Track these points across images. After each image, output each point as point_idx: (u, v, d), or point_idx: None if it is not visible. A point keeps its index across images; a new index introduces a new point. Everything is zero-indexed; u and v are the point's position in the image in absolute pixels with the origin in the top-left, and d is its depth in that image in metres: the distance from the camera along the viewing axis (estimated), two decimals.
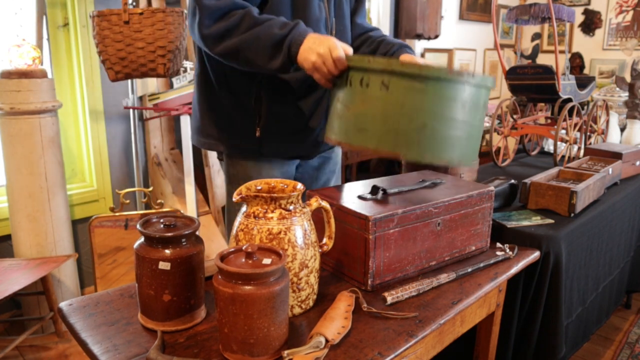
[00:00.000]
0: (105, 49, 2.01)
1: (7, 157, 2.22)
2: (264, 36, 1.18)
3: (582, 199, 1.57)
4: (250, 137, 1.40)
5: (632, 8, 5.07)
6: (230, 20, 1.20)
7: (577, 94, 2.51)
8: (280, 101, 1.39)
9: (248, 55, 1.21)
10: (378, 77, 1.05)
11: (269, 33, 1.18)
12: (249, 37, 1.19)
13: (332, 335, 0.91)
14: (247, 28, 1.19)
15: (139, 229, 0.93)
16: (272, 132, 1.40)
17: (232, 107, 1.40)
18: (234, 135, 1.42)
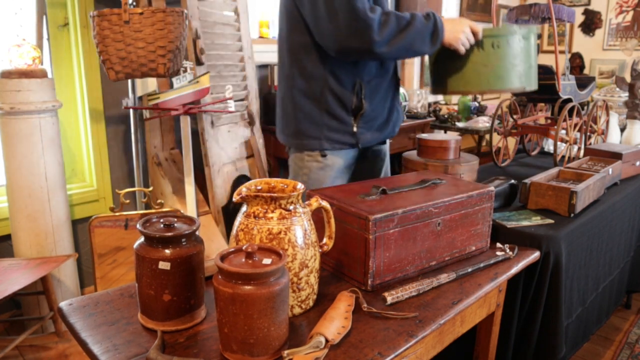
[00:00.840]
0: (106, 49, 2.01)
1: (7, 157, 2.22)
2: (421, 30, 1.51)
3: (582, 199, 1.57)
4: (349, 133, 1.64)
5: (632, 8, 5.07)
6: (390, 23, 1.47)
7: (577, 94, 2.51)
8: (374, 99, 1.65)
9: (415, 47, 1.52)
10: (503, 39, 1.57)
11: (423, 27, 1.51)
12: (410, 34, 1.49)
13: (332, 335, 0.91)
14: (404, 27, 1.49)
15: (139, 229, 0.93)
16: (364, 126, 1.65)
17: (334, 109, 1.62)
18: (335, 132, 1.64)
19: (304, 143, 1.67)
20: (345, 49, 1.50)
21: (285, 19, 1.62)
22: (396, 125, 1.80)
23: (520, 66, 1.62)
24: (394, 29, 1.47)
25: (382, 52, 1.48)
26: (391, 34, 1.47)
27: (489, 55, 1.58)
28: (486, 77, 1.60)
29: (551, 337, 1.46)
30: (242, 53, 2.93)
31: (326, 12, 1.46)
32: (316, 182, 1.67)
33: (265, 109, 3.18)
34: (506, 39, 1.58)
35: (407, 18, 1.50)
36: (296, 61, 1.62)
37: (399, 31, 1.48)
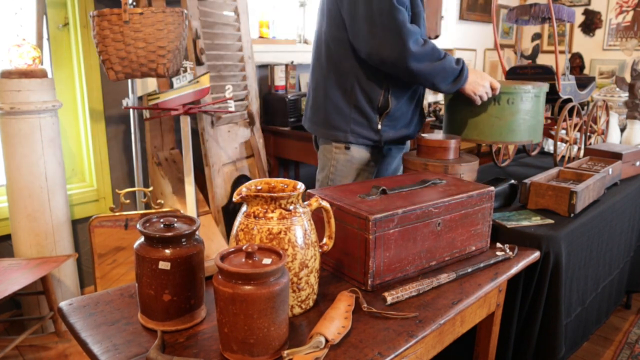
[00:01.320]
0: (105, 49, 2.01)
1: (7, 157, 2.22)
2: (449, 69, 1.61)
3: (582, 199, 1.57)
4: (373, 130, 1.72)
5: (632, 8, 5.07)
6: (427, 48, 1.57)
7: (577, 94, 2.50)
8: (400, 100, 1.73)
9: (434, 80, 1.61)
10: (517, 96, 1.72)
11: (451, 67, 1.62)
12: (438, 66, 1.59)
13: (332, 335, 0.91)
14: (437, 58, 1.59)
15: (139, 229, 0.93)
16: (388, 125, 1.74)
17: (362, 105, 1.69)
18: (361, 127, 1.71)
19: (331, 133, 1.75)
20: (377, 55, 1.57)
21: (326, 15, 1.69)
22: (418, 126, 1.88)
23: (530, 121, 1.77)
24: (428, 53, 1.57)
25: (412, 67, 1.55)
26: (425, 56, 1.55)
27: (503, 109, 1.73)
28: (499, 129, 1.74)
29: (551, 337, 1.46)
30: (242, 53, 2.93)
31: (364, 15, 1.54)
32: (342, 174, 1.76)
33: (265, 109, 3.18)
34: (520, 96, 1.73)
35: (441, 52, 1.60)
36: (332, 55, 1.70)
37: (432, 59, 1.57)
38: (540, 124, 1.83)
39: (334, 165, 1.77)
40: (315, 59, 1.79)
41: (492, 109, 1.73)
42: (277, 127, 3.11)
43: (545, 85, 1.82)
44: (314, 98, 1.80)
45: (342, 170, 1.76)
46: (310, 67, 1.85)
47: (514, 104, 1.72)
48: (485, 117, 1.73)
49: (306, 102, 1.88)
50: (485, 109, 1.73)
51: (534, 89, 1.74)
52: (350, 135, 1.72)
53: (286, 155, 3.18)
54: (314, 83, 1.80)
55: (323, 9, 1.72)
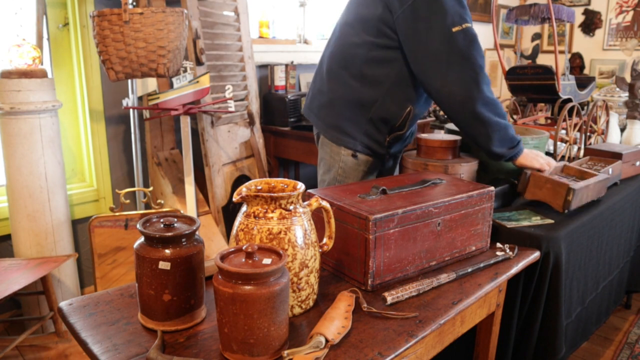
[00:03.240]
0: (106, 49, 2.01)
1: (7, 157, 2.22)
2: (510, 132, 1.59)
3: (578, 197, 1.57)
4: (381, 144, 1.74)
5: (632, 8, 5.07)
6: (496, 100, 1.57)
7: (577, 94, 2.50)
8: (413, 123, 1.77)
9: (492, 134, 1.56)
10: None
11: (512, 133, 1.60)
12: (501, 124, 1.57)
13: (332, 335, 0.91)
14: (502, 115, 1.58)
15: (139, 229, 0.93)
16: (395, 141, 1.76)
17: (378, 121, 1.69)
18: (370, 140, 1.72)
19: (341, 138, 1.75)
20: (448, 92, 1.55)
21: (373, 32, 1.63)
22: (412, 136, 1.93)
23: None
24: (496, 105, 1.57)
25: (478, 111, 1.53)
26: (493, 105, 1.55)
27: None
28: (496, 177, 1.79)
29: (551, 337, 1.46)
30: (242, 53, 2.93)
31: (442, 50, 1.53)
32: (349, 174, 1.78)
33: (265, 109, 3.18)
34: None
35: (504, 112, 1.62)
36: (365, 66, 1.66)
37: (497, 113, 1.56)
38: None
39: (342, 167, 1.78)
40: (341, 66, 1.72)
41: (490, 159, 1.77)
42: (277, 127, 3.11)
43: (545, 134, 1.84)
44: (330, 99, 1.76)
45: (350, 173, 1.77)
46: (324, 66, 1.79)
47: None
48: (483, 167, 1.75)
49: (312, 96, 1.85)
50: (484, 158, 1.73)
51: (532, 140, 1.77)
52: (359, 145, 1.73)
53: (286, 155, 3.18)
54: (333, 84, 1.75)
55: (365, 21, 1.65)
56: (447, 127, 1.94)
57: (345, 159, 1.76)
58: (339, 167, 1.78)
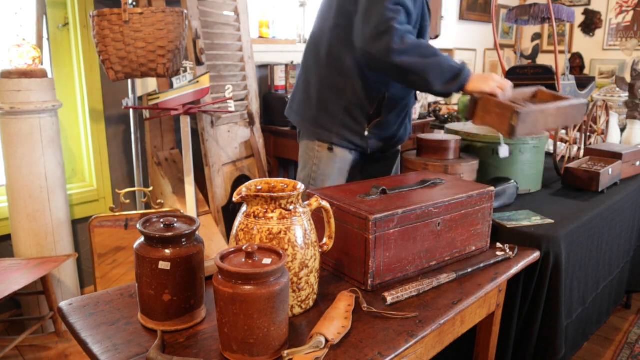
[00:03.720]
0: (105, 49, 2.01)
1: (7, 157, 2.22)
2: (446, 65, 1.51)
3: (527, 122, 1.41)
4: (360, 135, 1.69)
5: (632, 8, 5.07)
6: (417, 43, 1.49)
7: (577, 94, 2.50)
8: (391, 112, 1.71)
9: (427, 76, 1.51)
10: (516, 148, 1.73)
11: (449, 64, 1.52)
12: (433, 61, 1.50)
13: (332, 335, 0.91)
14: (431, 54, 1.51)
15: (139, 229, 0.93)
16: (374, 133, 1.71)
17: (353, 109, 1.65)
18: (347, 131, 1.68)
19: (316, 131, 1.72)
20: (366, 52, 1.53)
21: (335, 13, 1.65)
22: (401, 140, 1.87)
23: (528, 172, 1.79)
24: (417, 49, 1.49)
25: (397, 62, 1.49)
26: (411, 51, 1.48)
27: (501, 159, 1.74)
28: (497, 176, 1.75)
29: (551, 337, 1.46)
30: (242, 53, 2.93)
31: (364, 12, 1.52)
32: (325, 173, 1.73)
33: (265, 109, 3.18)
34: (519, 148, 1.75)
35: (436, 51, 1.53)
36: (334, 54, 1.66)
37: (423, 55, 1.50)
38: (539, 173, 1.85)
39: (316, 164, 1.74)
40: (312, 53, 1.74)
41: (490, 159, 1.75)
42: (277, 127, 3.11)
43: (545, 134, 1.82)
44: (305, 92, 1.76)
45: (324, 170, 1.73)
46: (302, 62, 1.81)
47: (512, 155, 1.74)
48: (484, 167, 1.75)
49: (293, 94, 1.85)
50: (484, 159, 1.75)
51: (532, 140, 1.76)
52: (335, 137, 1.69)
53: (286, 155, 3.18)
54: (307, 76, 1.76)
55: (331, 6, 1.68)
56: (447, 127, 1.94)
57: (319, 154, 1.73)
58: (313, 163, 1.75)
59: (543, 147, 1.82)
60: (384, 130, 1.74)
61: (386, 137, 1.78)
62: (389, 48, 1.48)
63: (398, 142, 1.87)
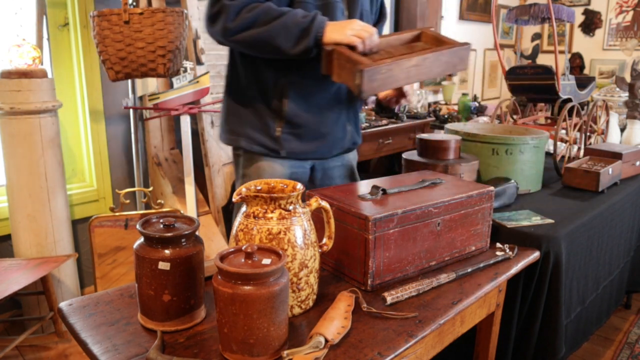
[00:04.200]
0: (106, 49, 2.01)
1: (7, 157, 2.22)
2: (291, 23, 1.32)
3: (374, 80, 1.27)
4: (270, 136, 1.50)
5: (632, 8, 5.06)
6: (254, 12, 1.33)
7: (577, 94, 2.50)
8: (302, 105, 1.50)
9: (274, 42, 1.34)
10: (516, 148, 1.73)
11: (295, 20, 1.32)
12: (276, 24, 1.32)
13: (332, 335, 0.91)
14: (272, 18, 1.33)
15: (138, 229, 0.93)
16: (290, 133, 1.51)
17: (258, 105, 1.50)
18: (255, 132, 1.51)
19: (227, 137, 1.57)
20: (210, 34, 1.42)
21: None
22: (340, 143, 1.62)
23: (528, 171, 1.78)
24: (257, 18, 1.33)
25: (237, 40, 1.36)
26: (248, 23, 1.33)
27: (501, 160, 1.74)
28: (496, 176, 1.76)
29: (551, 337, 1.46)
30: None
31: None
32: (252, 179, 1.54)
33: None
34: (519, 147, 1.74)
35: (280, 11, 1.34)
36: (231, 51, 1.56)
37: (262, 23, 1.33)
38: (539, 173, 1.84)
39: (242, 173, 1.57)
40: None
41: (490, 159, 1.75)
42: None
43: (545, 134, 1.81)
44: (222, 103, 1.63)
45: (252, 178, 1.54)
46: None
47: (512, 155, 1.73)
48: (483, 167, 1.75)
49: None
50: (484, 159, 1.74)
51: (532, 140, 1.75)
52: (243, 140, 1.52)
53: None
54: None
55: None
56: (447, 127, 1.94)
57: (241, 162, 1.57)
58: (239, 175, 1.59)
59: (543, 147, 1.82)
60: (302, 128, 1.50)
61: (312, 137, 1.53)
62: (225, 28, 1.35)
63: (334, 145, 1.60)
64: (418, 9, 4.05)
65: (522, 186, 1.76)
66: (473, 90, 5.28)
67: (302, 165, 1.59)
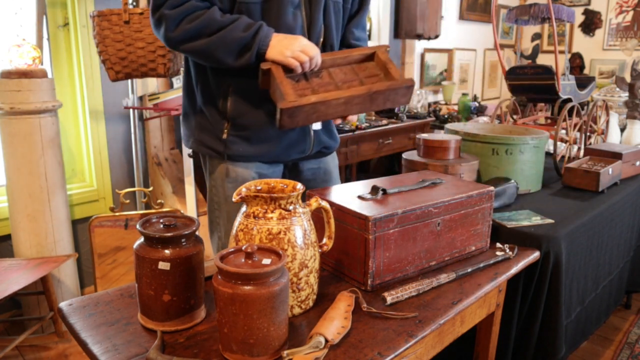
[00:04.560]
0: (106, 48, 2.01)
1: (7, 157, 2.22)
2: (232, 38, 1.30)
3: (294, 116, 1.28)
4: (218, 138, 1.45)
5: (632, 8, 5.07)
6: (195, 23, 1.30)
7: (577, 94, 2.50)
8: (247, 105, 1.44)
9: (216, 56, 1.32)
10: (516, 148, 1.73)
11: (236, 36, 1.30)
12: (217, 39, 1.30)
13: (332, 335, 0.91)
14: (214, 30, 1.30)
15: (138, 229, 0.93)
16: (236, 135, 1.45)
17: (206, 107, 1.46)
18: (205, 134, 1.47)
19: (184, 140, 1.55)
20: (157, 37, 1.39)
21: None
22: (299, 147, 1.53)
23: (528, 171, 1.78)
24: (195, 32, 1.30)
25: (183, 50, 1.34)
26: (190, 35, 1.30)
27: (501, 160, 1.74)
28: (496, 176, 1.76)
29: (551, 337, 1.46)
30: None
31: None
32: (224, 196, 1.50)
33: None
34: (519, 147, 1.74)
35: (221, 24, 1.30)
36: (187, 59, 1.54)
37: (204, 35, 1.30)
38: (539, 173, 1.84)
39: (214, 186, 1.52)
40: None
41: (490, 159, 1.75)
42: None
43: (545, 134, 1.80)
44: None
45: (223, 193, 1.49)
46: None
47: (512, 155, 1.73)
48: (483, 167, 1.75)
49: None
50: (484, 159, 1.75)
51: (532, 140, 1.75)
52: (193, 143, 1.50)
53: None
54: None
55: None
56: (447, 127, 1.94)
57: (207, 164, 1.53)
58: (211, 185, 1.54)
59: (543, 147, 1.82)
60: (249, 131, 1.45)
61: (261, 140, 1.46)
62: (166, 37, 1.33)
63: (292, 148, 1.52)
64: (418, 9, 4.05)
65: (522, 186, 1.76)
66: (473, 90, 5.28)
67: (270, 168, 1.52)
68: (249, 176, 1.47)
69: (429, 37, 4.22)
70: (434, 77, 4.73)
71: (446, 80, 4.81)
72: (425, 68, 4.60)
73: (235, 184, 1.46)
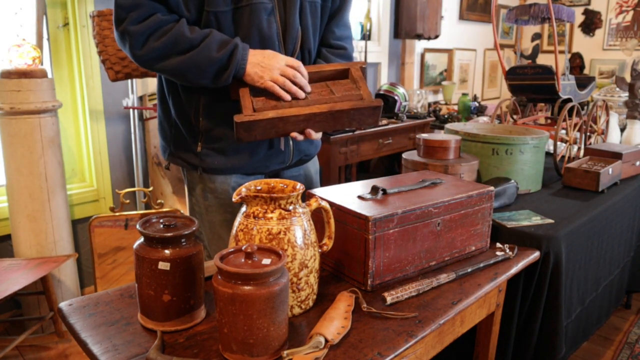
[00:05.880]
0: (105, 48, 2.01)
1: (7, 157, 2.22)
2: (206, 61, 1.23)
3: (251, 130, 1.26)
4: (193, 152, 1.41)
5: (632, 8, 5.07)
6: (162, 41, 1.22)
7: (577, 94, 2.50)
8: (216, 121, 1.38)
9: (189, 78, 1.27)
10: (516, 148, 1.73)
11: (209, 58, 1.23)
12: (187, 61, 1.23)
13: (332, 335, 0.91)
14: (184, 50, 1.23)
15: (138, 229, 0.93)
16: (209, 148, 1.40)
17: (178, 120, 1.42)
18: (180, 147, 1.44)
19: (160, 150, 1.52)
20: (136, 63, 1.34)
21: None
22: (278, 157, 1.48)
23: (528, 171, 1.78)
24: (164, 51, 1.23)
25: (151, 70, 1.30)
26: (158, 54, 1.24)
27: (502, 160, 1.74)
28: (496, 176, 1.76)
29: (551, 337, 1.46)
30: None
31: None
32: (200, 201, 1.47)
33: None
34: (519, 147, 1.74)
35: (191, 42, 1.23)
36: None
37: (173, 54, 1.24)
38: (539, 173, 1.84)
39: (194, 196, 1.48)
40: None
41: (490, 159, 1.75)
42: None
43: (545, 134, 1.80)
44: None
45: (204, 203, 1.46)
46: None
47: (512, 155, 1.74)
48: (483, 167, 1.75)
49: None
50: (484, 159, 1.75)
51: (532, 140, 1.75)
52: (169, 155, 1.46)
53: None
54: None
55: None
56: (447, 127, 1.94)
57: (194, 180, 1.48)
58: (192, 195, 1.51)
59: (543, 147, 1.82)
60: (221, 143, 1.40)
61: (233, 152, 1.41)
62: (133, 55, 1.26)
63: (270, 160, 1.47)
64: (418, 9, 4.05)
65: (522, 186, 1.76)
66: (473, 90, 5.28)
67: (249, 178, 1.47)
68: (228, 187, 1.44)
69: (429, 37, 4.22)
70: (434, 77, 4.73)
71: (446, 80, 4.81)
72: (425, 68, 4.60)
73: (214, 194, 1.43)
